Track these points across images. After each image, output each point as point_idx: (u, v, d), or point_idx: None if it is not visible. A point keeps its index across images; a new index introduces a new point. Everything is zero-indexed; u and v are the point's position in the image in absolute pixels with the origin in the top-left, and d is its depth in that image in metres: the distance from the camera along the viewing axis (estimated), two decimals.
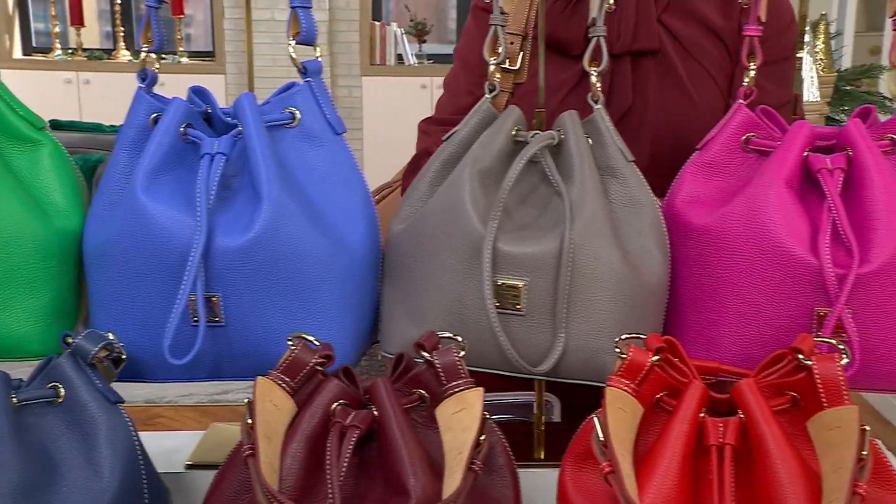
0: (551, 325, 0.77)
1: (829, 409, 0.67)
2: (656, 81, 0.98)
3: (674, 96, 0.98)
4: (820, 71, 2.40)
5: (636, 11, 0.97)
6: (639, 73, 0.98)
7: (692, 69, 0.98)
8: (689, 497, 0.68)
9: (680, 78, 0.98)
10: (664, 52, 0.98)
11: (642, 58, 0.98)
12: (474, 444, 0.66)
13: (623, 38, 0.97)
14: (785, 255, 0.78)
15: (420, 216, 0.81)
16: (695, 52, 0.99)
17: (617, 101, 0.96)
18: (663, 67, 0.98)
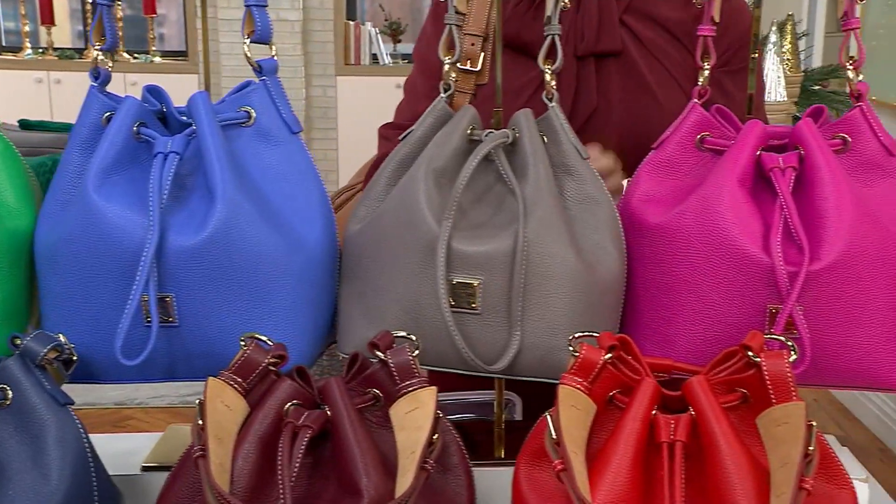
0: (507, 323, 0.77)
1: (778, 405, 0.68)
2: (620, 83, 0.99)
3: (638, 98, 0.98)
4: (787, 71, 2.42)
5: (598, 13, 0.98)
6: (602, 75, 0.99)
7: (656, 71, 0.99)
8: (641, 493, 0.69)
9: (644, 79, 0.99)
10: (627, 53, 0.99)
11: (606, 60, 0.99)
12: (427, 444, 0.66)
13: (587, 40, 0.98)
14: (738, 253, 0.79)
15: (376, 216, 0.81)
16: (657, 54, 0.99)
17: (583, 104, 0.97)
18: (626, 69, 0.99)
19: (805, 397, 2.50)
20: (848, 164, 0.82)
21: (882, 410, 2.80)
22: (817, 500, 0.69)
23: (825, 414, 2.99)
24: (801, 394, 2.43)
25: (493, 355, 0.78)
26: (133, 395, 3.10)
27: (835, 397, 3.09)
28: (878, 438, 2.79)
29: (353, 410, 0.69)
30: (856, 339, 0.78)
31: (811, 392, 3.15)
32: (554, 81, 0.83)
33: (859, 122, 0.82)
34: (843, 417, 2.96)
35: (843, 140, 0.82)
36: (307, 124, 5.32)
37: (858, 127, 0.82)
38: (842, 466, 0.70)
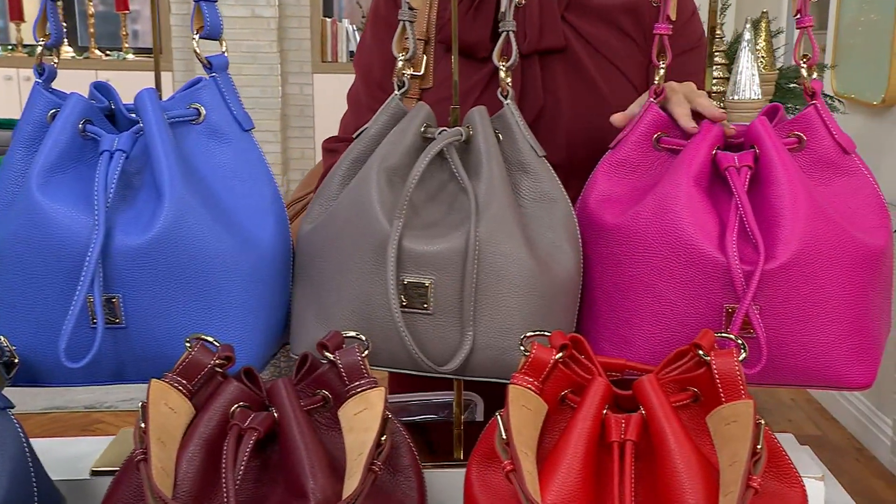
0: (459, 323, 0.77)
1: (727, 403, 0.68)
2: (565, 80, 0.99)
3: (585, 94, 0.99)
4: (762, 69, 2.44)
5: (540, 10, 0.98)
6: (548, 72, 0.99)
7: (602, 67, 1.00)
8: (592, 493, 0.69)
9: (590, 76, 0.99)
10: (571, 50, 0.99)
11: (550, 57, 0.99)
12: (375, 445, 0.66)
13: (530, 38, 0.98)
14: (694, 253, 0.79)
15: (329, 215, 0.81)
16: (603, 50, 1.00)
17: (530, 102, 0.97)
18: (571, 66, 0.99)
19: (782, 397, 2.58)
20: (803, 162, 0.83)
21: (859, 410, 2.83)
22: (768, 499, 0.69)
23: (802, 413, 3.02)
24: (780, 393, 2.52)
25: (446, 356, 0.78)
26: (103, 399, 3.07)
27: (812, 397, 3.12)
28: (855, 438, 2.82)
29: (301, 412, 0.69)
30: (812, 338, 0.79)
31: (788, 392, 3.18)
32: (509, 78, 0.83)
33: (814, 120, 0.83)
34: (821, 417, 2.99)
35: (799, 138, 0.83)
36: (284, 122, 5.31)
37: (813, 125, 0.83)
38: (792, 465, 0.70)
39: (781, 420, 2.96)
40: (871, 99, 2.74)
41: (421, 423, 1.09)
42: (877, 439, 2.70)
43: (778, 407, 3.06)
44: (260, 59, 5.35)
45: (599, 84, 0.99)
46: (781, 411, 3.03)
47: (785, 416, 2.99)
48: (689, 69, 0.96)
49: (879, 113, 2.77)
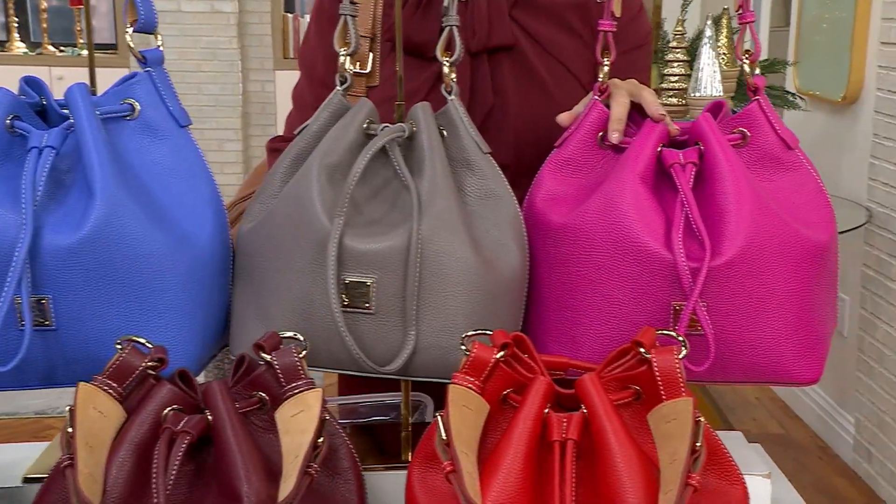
0: (402, 323, 0.77)
1: (667, 401, 0.69)
2: (514, 79, 0.99)
3: (533, 93, 0.99)
4: (723, 65, 2.47)
5: (487, 8, 0.98)
6: (497, 71, 1.00)
7: (550, 66, 1.00)
8: (533, 493, 0.69)
9: (538, 75, 1.00)
10: (519, 48, 1.00)
11: (499, 55, 0.99)
12: (311, 447, 0.66)
13: (478, 36, 0.98)
14: (640, 251, 0.80)
15: (269, 213, 0.80)
16: (551, 49, 1.00)
17: (479, 101, 0.98)
18: (520, 64, 1.00)
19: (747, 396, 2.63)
20: (748, 158, 0.84)
21: (822, 408, 2.87)
22: (708, 496, 0.70)
23: (766, 412, 3.06)
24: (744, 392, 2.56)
25: (388, 356, 0.78)
26: (55, 405, 3.02)
27: (776, 395, 3.16)
28: (818, 436, 2.87)
29: (235, 414, 0.68)
30: (759, 334, 0.80)
31: (753, 391, 3.22)
32: (454, 75, 0.84)
33: (757, 116, 0.84)
34: (784, 415, 3.03)
35: (742, 134, 0.84)
36: (245, 120, 5.27)
37: (757, 121, 0.84)
38: (733, 462, 0.71)
39: (746, 419, 3.00)
40: (832, 96, 2.79)
41: (371, 425, 1.09)
42: (839, 437, 2.75)
43: (742, 405, 3.10)
44: (220, 55, 5.30)
45: (548, 83, 1.00)
46: (746, 410, 3.07)
47: (749, 415, 3.03)
48: (637, 66, 0.97)
49: (841, 110, 2.82)
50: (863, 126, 2.67)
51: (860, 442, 2.59)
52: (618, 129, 0.84)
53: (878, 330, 2.49)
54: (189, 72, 5.48)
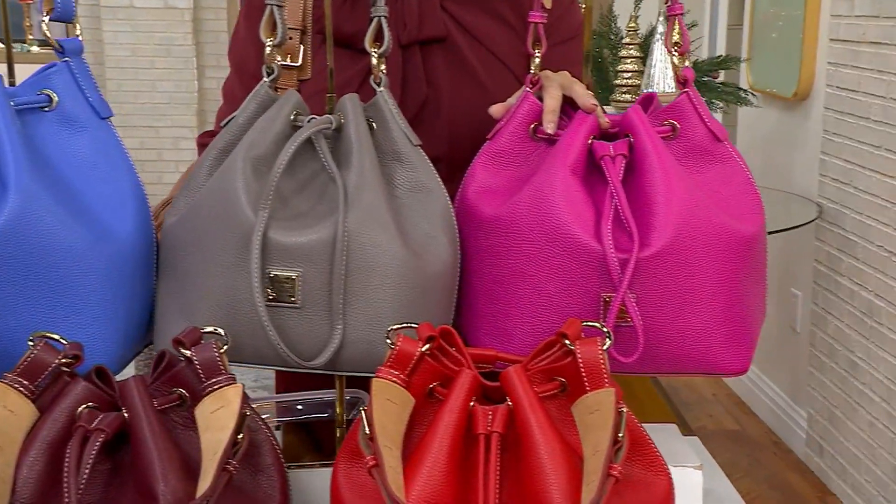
0: (328, 317, 0.77)
1: (591, 392, 0.70)
2: (447, 72, 1.00)
3: (466, 86, 1.00)
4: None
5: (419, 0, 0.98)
6: (429, 64, 1.00)
7: (484, 58, 1.00)
8: (458, 486, 0.70)
9: (471, 67, 1.00)
10: (452, 40, 1.00)
11: (431, 47, 0.99)
12: (230, 444, 0.65)
13: (409, 28, 0.98)
14: (570, 242, 0.80)
15: (193, 207, 0.80)
16: (484, 41, 1.01)
17: (412, 94, 0.97)
18: (452, 57, 1.00)
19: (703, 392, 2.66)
20: (677, 150, 0.85)
21: (776, 404, 2.92)
22: (633, 487, 0.71)
23: (722, 408, 3.10)
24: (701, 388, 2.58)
25: (315, 351, 0.77)
26: None
27: (732, 391, 3.21)
28: (773, 431, 2.91)
29: (153, 411, 0.67)
30: (688, 325, 0.81)
31: (709, 387, 3.27)
32: (383, 66, 0.83)
33: (687, 108, 0.85)
34: (740, 411, 3.08)
35: (672, 126, 0.85)
36: (201, 118, 5.21)
37: (686, 113, 0.85)
38: (658, 453, 0.72)
39: (702, 415, 3.04)
40: (784, 92, 2.84)
41: (309, 423, 1.08)
42: (793, 432, 2.80)
43: (698, 402, 3.14)
44: (174, 52, 5.24)
45: (481, 75, 1.00)
46: (702, 406, 3.11)
47: (705, 412, 3.07)
48: (570, 59, 0.98)
49: (792, 106, 2.87)
50: (814, 122, 2.72)
51: (812, 436, 2.64)
52: (552, 121, 0.85)
53: (829, 325, 2.53)
54: (143, 69, 5.41)
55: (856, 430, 2.39)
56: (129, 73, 5.38)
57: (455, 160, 0.95)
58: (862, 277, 2.36)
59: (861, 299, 2.36)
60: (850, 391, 2.42)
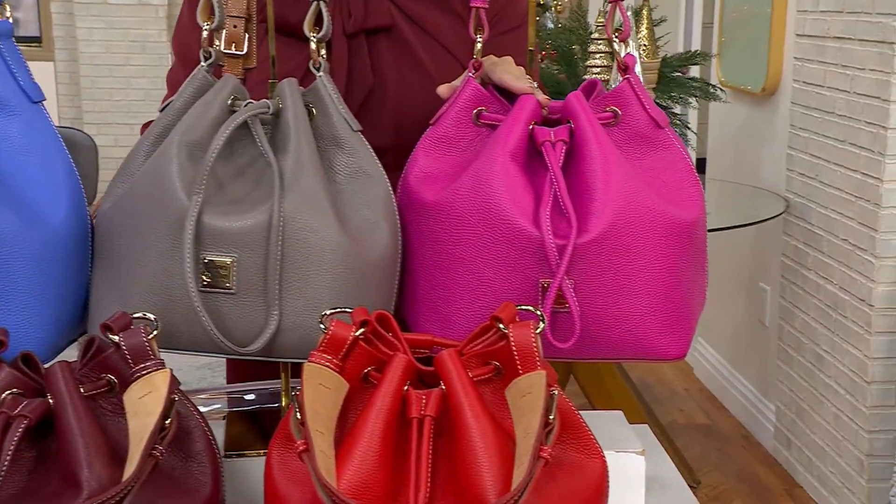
0: (264, 302, 0.76)
1: (523, 375, 0.70)
2: (393, 61, 0.99)
3: (412, 75, 0.99)
4: (643, 57, 2.50)
5: None
6: (375, 52, 0.99)
7: (429, 46, 1.00)
8: (391, 472, 0.69)
9: (417, 56, 1.00)
10: (398, 29, 0.99)
11: (377, 37, 0.99)
12: (156, 429, 0.64)
13: (355, 16, 0.98)
14: (509, 227, 0.80)
15: (128, 192, 0.79)
16: (430, 30, 1.00)
17: (358, 83, 0.97)
18: (398, 46, 1.00)
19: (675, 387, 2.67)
20: (619, 136, 0.85)
21: (746, 399, 2.94)
22: (567, 470, 0.71)
23: (693, 403, 3.12)
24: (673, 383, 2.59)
25: (251, 337, 0.77)
26: None
27: (704, 386, 3.23)
28: (742, 425, 2.93)
29: (79, 397, 0.67)
30: (625, 311, 0.81)
31: (681, 381, 3.28)
32: (324, 51, 0.83)
33: (628, 94, 0.85)
34: (711, 406, 3.09)
35: (614, 113, 0.85)
36: None
37: (627, 100, 0.85)
38: (592, 437, 0.72)
39: (673, 410, 3.06)
40: (753, 88, 2.85)
41: (257, 413, 1.07)
42: (762, 426, 2.82)
43: (671, 397, 3.16)
44: (149, 48, 5.21)
45: (426, 63, 0.99)
46: (674, 401, 3.13)
47: (677, 406, 3.09)
48: (517, 47, 0.98)
49: (761, 102, 2.88)
50: (781, 117, 2.73)
51: (780, 430, 2.66)
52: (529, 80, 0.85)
53: (796, 319, 2.55)
54: (117, 65, 5.38)
55: (822, 422, 2.41)
56: (104, 70, 5.34)
57: (402, 149, 0.94)
58: (827, 271, 2.38)
59: (826, 292, 2.38)
60: (816, 384, 2.44)
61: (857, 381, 2.23)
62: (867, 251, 2.18)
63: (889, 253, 2.13)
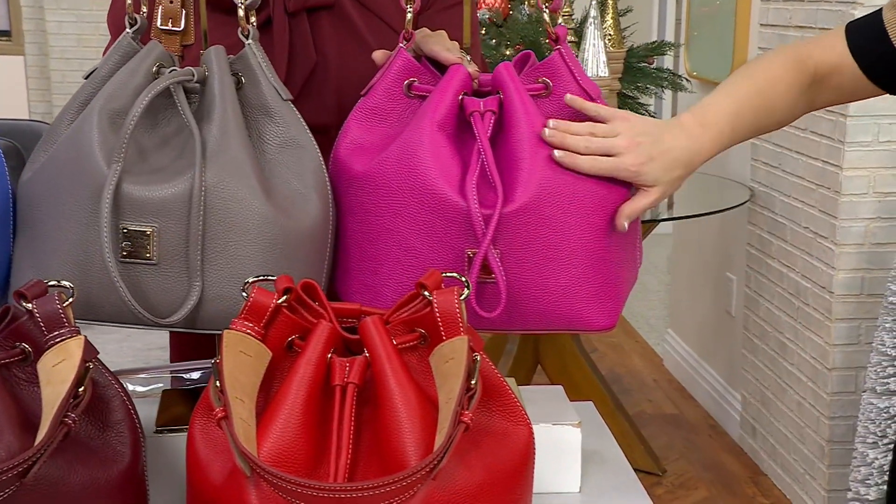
0: (186, 273, 0.75)
1: (447, 341, 0.69)
2: (335, 38, 0.99)
3: (354, 52, 0.99)
4: (609, 46, 2.51)
5: None
6: (317, 30, 0.98)
7: (371, 23, 1.00)
8: (314, 440, 0.69)
9: (360, 33, 0.99)
10: (340, 7, 0.99)
11: (318, 14, 0.98)
12: (68, 396, 0.63)
13: None
14: (436, 197, 0.80)
15: (48, 160, 0.78)
16: (372, 7, 1.00)
17: (300, 62, 0.96)
18: (341, 23, 0.99)
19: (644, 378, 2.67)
20: (551, 108, 0.85)
21: (714, 388, 2.95)
22: (491, 436, 0.70)
23: (662, 393, 3.13)
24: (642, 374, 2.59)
25: (173, 308, 0.76)
26: None
27: (673, 377, 3.24)
28: (710, 415, 2.94)
29: None
30: (552, 281, 0.81)
31: (650, 372, 3.30)
32: (253, 19, 0.82)
33: (559, 66, 0.85)
34: (679, 396, 3.11)
35: (546, 84, 0.85)
36: None
37: (559, 71, 0.85)
38: (519, 404, 0.72)
39: (642, 400, 3.07)
40: (719, 78, 2.86)
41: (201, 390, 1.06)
42: (728, 415, 2.83)
43: (640, 388, 3.17)
44: None
45: (369, 40, 0.99)
46: (643, 391, 3.14)
47: (646, 397, 3.10)
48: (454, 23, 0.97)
49: None
50: None
51: (746, 418, 2.67)
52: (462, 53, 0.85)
53: (761, 307, 2.57)
54: (88, 59, 5.31)
55: (785, 410, 2.42)
56: (74, 63, 5.28)
57: None
58: (790, 259, 2.39)
59: (790, 281, 2.40)
60: (780, 372, 2.46)
61: (819, 369, 2.24)
62: (828, 238, 2.20)
63: (848, 240, 2.15)
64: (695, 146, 0.85)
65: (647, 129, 0.84)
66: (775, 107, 0.92)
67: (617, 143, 0.82)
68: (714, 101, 0.90)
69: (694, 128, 0.86)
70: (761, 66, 0.94)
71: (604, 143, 0.81)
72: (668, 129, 0.85)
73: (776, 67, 0.92)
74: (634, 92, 2.73)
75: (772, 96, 0.91)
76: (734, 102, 0.89)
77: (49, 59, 5.27)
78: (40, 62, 5.38)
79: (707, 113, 0.88)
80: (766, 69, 0.93)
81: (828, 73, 0.94)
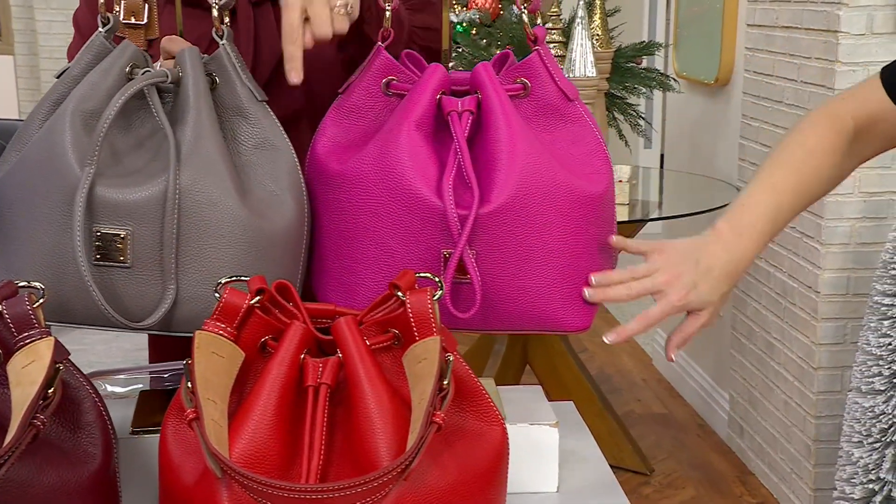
0: (160, 276, 0.75)
1: (419, 341, 0.69)
2: None
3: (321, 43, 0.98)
4: (597, 47, 2.51)
5: None
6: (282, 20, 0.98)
7: None
8: (286, 441, 0.69)
9: None
10: None
11: None
12: (37, 397, 0.63)
13: None
14: (412, 197, 0.80)
15: (20, 161, 0.77)
16: None
17: (266, 52, 0.96)
18: None
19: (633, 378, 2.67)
20: (529, 109, 0.85)
21: (701, 387, 2.96)
22: (465, 437, 0.70)
23: (651, 392, 3.13)
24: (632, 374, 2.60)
25: (148, 311, 0.75)
26: None
27: (662, 376, 3.24)
28: (698, 414, 2.95)
29: None
30: (528, 282, 0.81)
31: (639, 372, 3.30)
32: (227, 19, 0.82)
33: (538, 67, 0.85)
34: (668, 395, 3.11)
35: (524, 85, 0.85)
36: None
37: (537, 72, 0.85)
38: (492, 404, 0.72)
39: (631, 400, 3.07)
40: (706, 79, 2.87)
41: None
42: (716, 414, 2.84)
43: (629, 387, 3.17)
44: None
45: None
46: (632, 391, 3.14)
47: (634, 396, 3.10)
48: (429, 22, 0.97)
49: (714, 92, 2.90)
50: (734, 108, 2.75)
51: (733, 418, 2.68)
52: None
53: (748, 307, 2.57)
54: None
55: (772, 409, 2.43)
56: (64, 63, 5.27)
57: (316, 114, 0.93)
58: (777, 259, 2.40)
59: (776, 280, 2.40)
60: (767, 372, 2.46)
61: (805, 368, 2.25)
62: (814, 238, 2.20)
63: (834, 240, 2.16)
64: (735, 256, 0.84)
65: (685, 254, 0.82)
66: (819, 177, 0.90)
67: (658, 281, 0.81)
68: (749, 200, 0.87)
69: (731, 238, 0.84)
70: (794, 141, 0.91)
71: (644, 284, 0.81)
72: (706, 247, 0.84)
73: (811, 140, 0.89)
74: (623, 92, 2.73)
75: (811, 171, 0.89)
76: (771, 196, 0.86)
77: (39, 58, 5.25)
78: (30, 62, 5.36)
79: (743, 216, 0.86)
80: (800, 143, 0.90)
81: (871, 125, 0.91)
